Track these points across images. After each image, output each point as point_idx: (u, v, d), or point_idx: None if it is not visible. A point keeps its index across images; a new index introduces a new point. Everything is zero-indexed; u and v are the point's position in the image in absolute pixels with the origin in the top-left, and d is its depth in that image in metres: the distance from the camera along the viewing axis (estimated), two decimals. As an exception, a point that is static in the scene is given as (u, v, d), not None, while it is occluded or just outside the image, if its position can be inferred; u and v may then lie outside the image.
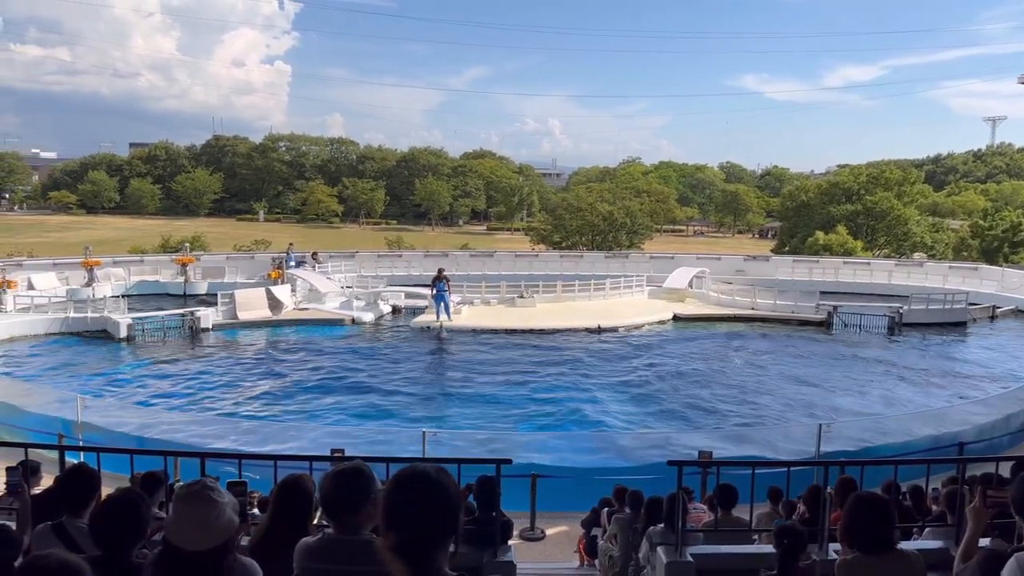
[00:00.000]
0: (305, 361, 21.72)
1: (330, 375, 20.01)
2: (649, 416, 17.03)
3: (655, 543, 5.79)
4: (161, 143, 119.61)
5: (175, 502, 2.68)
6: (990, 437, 13.84)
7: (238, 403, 17.49)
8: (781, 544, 4.35)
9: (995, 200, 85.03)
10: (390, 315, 28.40)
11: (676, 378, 20.29)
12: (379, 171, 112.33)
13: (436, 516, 2.04)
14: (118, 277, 32.41)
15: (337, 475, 2.80)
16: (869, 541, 3.44)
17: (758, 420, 16.74)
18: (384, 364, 21.35)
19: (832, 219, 59.75)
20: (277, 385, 19.06)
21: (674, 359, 22.67)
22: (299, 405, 17.38)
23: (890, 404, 18.29)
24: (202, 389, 18.60)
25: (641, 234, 67.69)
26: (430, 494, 2.06)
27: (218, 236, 66.22)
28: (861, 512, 3.49)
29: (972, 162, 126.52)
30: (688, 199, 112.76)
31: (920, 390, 19.82)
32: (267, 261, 35.63)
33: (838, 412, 17.21)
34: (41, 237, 68.08)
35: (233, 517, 2.67)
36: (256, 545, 3.23)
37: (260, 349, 23.52)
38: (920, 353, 24.62)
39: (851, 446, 12.94)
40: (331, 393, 18.31)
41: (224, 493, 2.69)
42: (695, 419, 16.84)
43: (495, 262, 40.37)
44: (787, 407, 17.95)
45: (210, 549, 2.58)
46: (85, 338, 23.65)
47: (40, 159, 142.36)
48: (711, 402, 18.18)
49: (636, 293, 32.14)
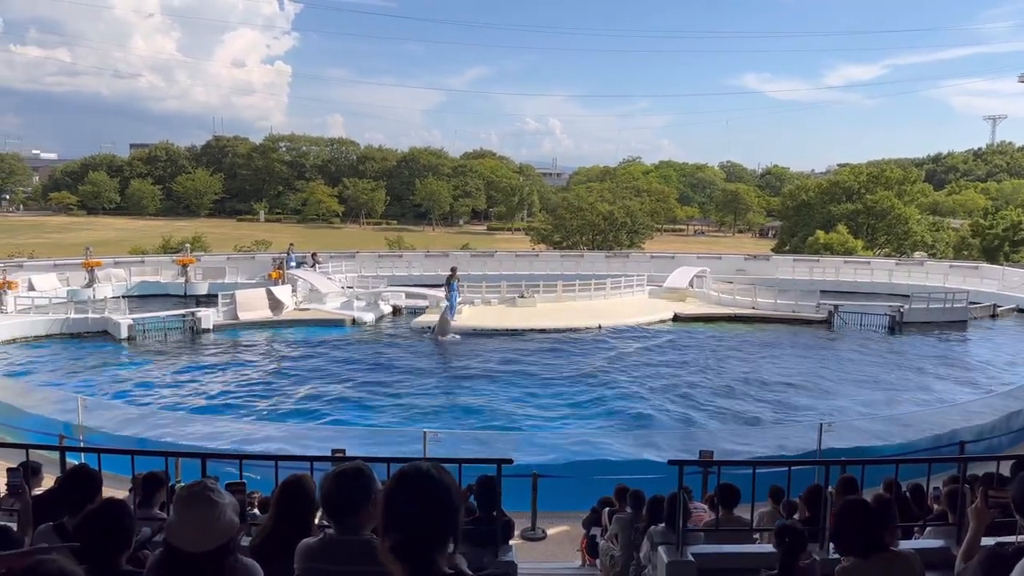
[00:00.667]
0: (306, 361, 21.71)
1: (330, 375, 19.99)
2: (650, 414, 17.01)
3: (656, 543, 5.78)
4: (161, 144, 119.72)
5: (175, 504, 2.67)
6: (991, 436, 13.84)
7: (237, 403, 17.48)
8: (782, 543, 4.35)
9: (995, 199, 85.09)
10: (391, 315, 28.40)
11: (676, 377, 20.26)
12: (379, 171, 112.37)
13: (436, 516, 2.03)
14: (119, 278, 32.40)
15: (338, 476, 2.80)
16: (861, 545, 3.44)
17: (758, 419, 16.73)
18: (384, 364, 21.34)
19: (833, 218, 59.76)
20: (276, 385, 19.04)
21: (674, 358, 22.66)
22: (299, 404, 17.37)
23: (891, 403, 18.28)
24: (203, 389, 18.60)
25: (642, 233, 67.73)
26: (430, 493, 2.05)
27: (218, 237, 66.24)
28: (847, 518, 3.51)
29: (972, 161, 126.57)
30: (689, 198, 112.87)
31: (921, 389, 19.80)
32: (268, 261, 35.63)
33: (839, 411, 17.21)
34: (42, 238, 68.14)
35: (234, 518, 2.67)
36: (257, 546, 3.23)
37: (261, 349, 23.51)
38: (921, 352, 24.60)
39: (852, 445, 12.94)
40: (331, 393, 18.29)
41: (224, 494, 2.69)
42: (695, 418, 16.83)
43: (496, 262, 40.37)
44: (787, 406, 17.94)
45: (211, 550, 2.58)
46: (86, 339, 23.65)
47: (40, 160, 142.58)
48: (711, 401, 18.16)
49: (637, 293, 32.13)
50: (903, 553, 3.56)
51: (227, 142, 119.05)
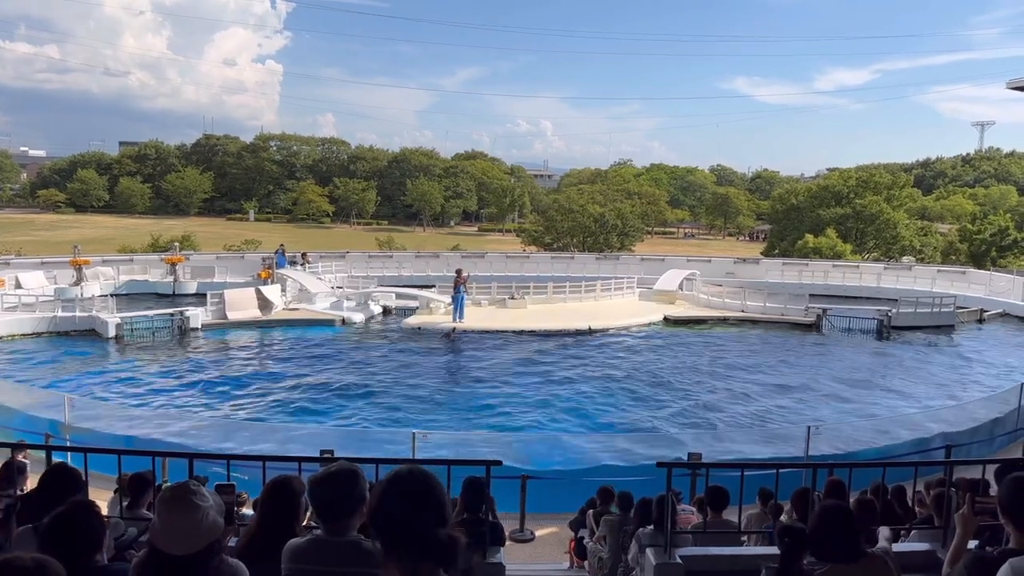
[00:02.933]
0: (294, 361, 21.64)
1: (319, 375, 19.93)
2: (638, 417, 17.04)
3: (644, 545, 5.79)
4: (151, 142, 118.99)
5: (158, 506, 2.65)
6: (977, 440, 13.93)
7: (226, 403, 17.41)
8: (783, 543, 4.37)
9: (983, 204, 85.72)
10: (381, 316, 28.34)
11: (664, 379, 20.31)
12: (370, 171, 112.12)
13: (424, 519, 2.04)
14: (107, 276, 32.21)
15: (332, 477, 2.78)
16: (838, 550, 3.47)
17: (747, 421, 16.79)
18: (373, 365, 21.28)
19: (822, 222, 60.00)
20: (265, 385, 18.96)
21: (663, 360, 22.70)
22: (287, 405, 17.31)
23: (879, 406, 18.38)
24: (190, 389, 18.50)
25: (632, 236, 67.81)
26: (420, 497, 2.06)
27: (208, 236, 65.94)
28: (824, 524, 3.53)
29: (961, 166, 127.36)
30: (679, 201, 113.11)
31: (908, 392, 19.92)
32: (257, 261, 35.48)
33: (827, 414, 17.29)
34: (29, 236, 67.61)
35: (218, 519, 2.65)
36: (244, 547, 3.21)
37: (249, 349, 23.42)
38: (908, 356, 24.75)
39: (840, 447, 13.00)
40: (320, 393, 18.23)
41: (208, 495, 2.66)
42: (684, 420, 16.87)
43: (486, 263, 40.33)
44: (776, 408, 18.00)
45: (196, 552, 2.56)
46: (73, 337, 23.50)
47: (29, 157, 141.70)
48: (700, 403, 18.21)
49: (627, 295, 32.19)
50: (877, 556, 3.59)
51: (217, 141, 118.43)
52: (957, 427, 14.24)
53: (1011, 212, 69.56)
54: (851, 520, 3.56)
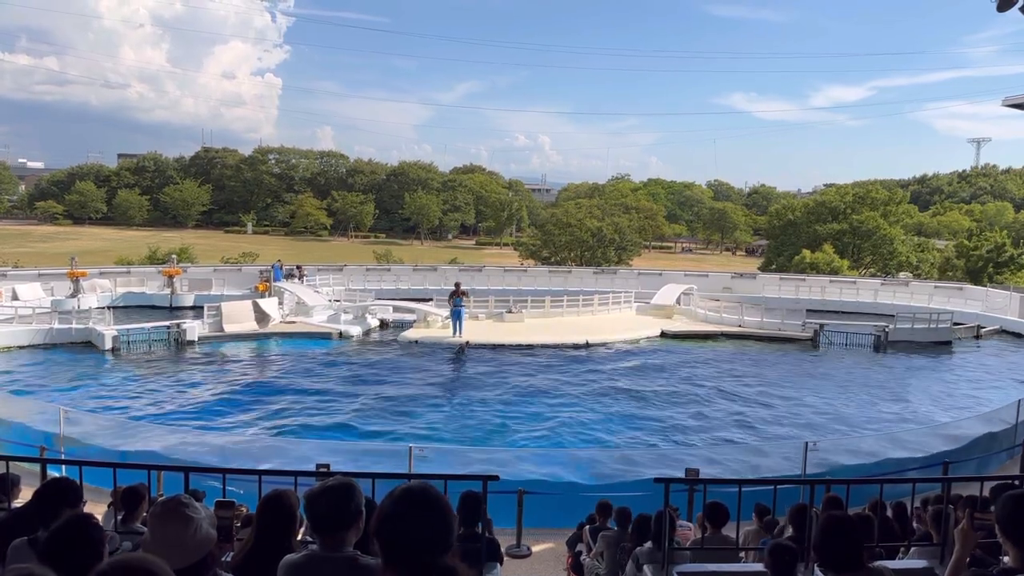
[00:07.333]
0: (290, 374, 21.58)
1: (315, 388, 19.87)
2: (636, 432, 16.99)
3: (641, 563, 5.76)
4: (150, 154, 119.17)
5: (150, 520, 2.64)
6: (974, 456, 13.90)
7: (221, 415, 17.31)
8: (775, 561, 4.36)
9: (980, 220, 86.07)
10: (378, 329, 28.30)
11: (662, 394, 20.27)
12: (368, 184, 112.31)
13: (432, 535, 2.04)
14: (104, 288, 32.19)
15: (329, 491, 2.77)
16: (841, 561, 3.46)
17: (744, 437, 16.74)
18: (370, 378, 21.22)
19: (819, 238, 60.17)
20: (262, 398, 18.88)
21: (661, 375, 22.66)
22: (282, 419, 17.23)
23: (876, 422, 18.34)
24: (186, 402, 18.42)
25: (629, 250, 67.96)
26: (425, 514, 2.06)
27: (206, 248, 65.90)
28: (830, 533, 3.52)
29: (957, 183, 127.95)
30: (676, 216, 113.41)
31: (905, 408, 19.88)
32: (255, 274, 35.47)
33: (824, 430, 17.25)
34: (26, 247, 67.52)
35: (211, 532, 2.63)
36: (239, 562, 3.19)
37: (245, 362, 23.35)
38: (905, 371, 24.74)
39: (836, 463, 12.95)
40: (314, 406, 18.16)
41: (200, 508, 2.65)
42: (681, 435, 16.81)
43: (484, 277, 40.36)
44: (773, 423, 17.96)
45: (190, 565, 2.54)
46: (69, 349, 23.43)
47: (27, 169, 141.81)
48: (697, 419, 18.16)
49: (624, 309, 32.20)
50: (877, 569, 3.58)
51: (216, 153, 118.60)
52: (954, 444, 14.20)
53: (1007, 228, 69.75)
54: (856, 529, 3.56)
